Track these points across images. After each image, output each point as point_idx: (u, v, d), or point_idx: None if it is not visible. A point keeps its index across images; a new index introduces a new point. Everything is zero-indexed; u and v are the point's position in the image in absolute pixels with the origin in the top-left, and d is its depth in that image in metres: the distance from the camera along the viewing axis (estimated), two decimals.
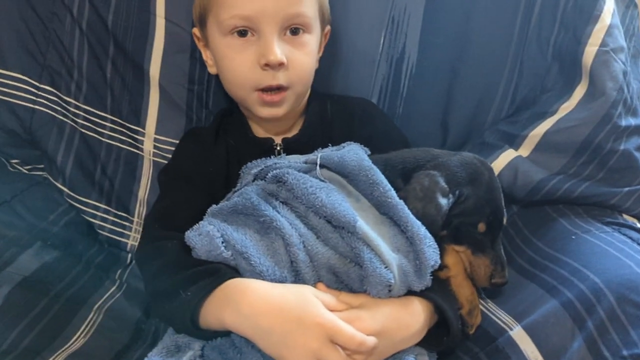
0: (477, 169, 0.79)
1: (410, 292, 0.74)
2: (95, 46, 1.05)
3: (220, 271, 0.70)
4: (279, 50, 0.81)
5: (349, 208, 0.74)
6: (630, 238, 0.79)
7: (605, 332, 0.65)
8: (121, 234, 1.05)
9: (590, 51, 0.91)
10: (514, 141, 0.96)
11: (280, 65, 0.82)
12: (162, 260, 0.75)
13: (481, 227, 0.77)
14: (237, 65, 0.85)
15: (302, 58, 0.85)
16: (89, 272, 0.93)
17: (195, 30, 0.93)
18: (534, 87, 1.01)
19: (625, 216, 0.89)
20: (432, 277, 0.74)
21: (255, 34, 0.83)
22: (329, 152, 0.82)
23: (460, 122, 1.04)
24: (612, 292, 0.67)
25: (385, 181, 0.76)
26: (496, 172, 0.93)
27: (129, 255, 1.05)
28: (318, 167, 0.80)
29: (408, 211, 0.74)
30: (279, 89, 0.85)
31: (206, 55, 0.93)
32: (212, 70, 0.93)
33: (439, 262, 0.75)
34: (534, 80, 1.01)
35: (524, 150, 0.95)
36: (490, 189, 0.79)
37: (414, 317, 0.72)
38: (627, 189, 0.89)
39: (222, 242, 0.73)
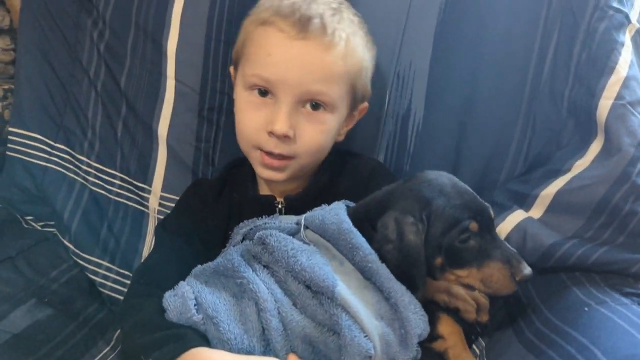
0: (436, 181, 0.75)
1: None
2: (108, 106, 1.08)
3: (186, 337, 0.67)
4: (287, 123, 0.79)
5: (330, 272, 0.70)
6: None
7: None
8: (122, 293, 1.04)
9: (604, 104, 0.84)
10: (525, 201, 0.90)
11: (285, 137, 0.80)
12: (136, 318, 0.73)
13: (473, 226, 0.72)
14: (247, 121, 0.84)
15: (313, 134, 0.82)
16: (82, 331, 0.92)
17: (231, 69, 0.93)
18: (549, 142, 0.94)
19: None
20: (419, 348, 0.69)
21: (272, 97, 0.82)
22: (312, 213, 0.79)
23: (470, 180, 0.95)
24: None
25: (365, 245, 0.72)
26: (503, 236, 0.88)
27: None
28: (302, 229, 0.77)
29: (391, 276, 0.70)
30: (282, 156, 0.83)
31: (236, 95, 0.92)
32: None
33: (428, 329, 0.70)
34: (548, 135, 0.94)
35: (536, 212, 0.88)
36: (460, 192, 0.75)
37: None
38: None
39: (195, 305, 0.71)
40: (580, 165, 0.86)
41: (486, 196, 0.96)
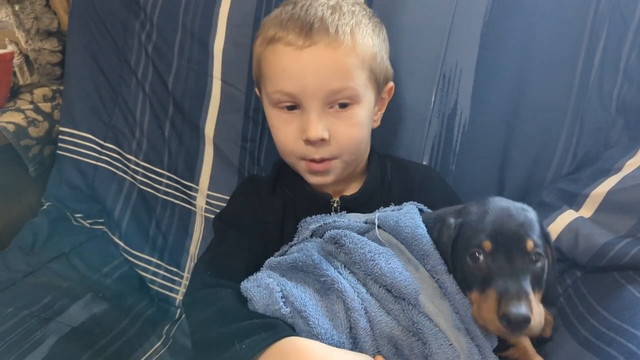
0: (492, 201, 0.72)
1: None
2: (156, 107, 1.11)
3: (279, 327, 0.66)
4: (319, 127, 0.81)
5: (410, 278, 0.70)
6: None
7: None
8: (171, 289, 1.07)
9: None
10: (575, 201, 0.90)
11: (322, 141, 0.82)
12: (214, 308, 0.71)
13: (486, 245, 0.67)
14: (282, 136, 0.86)
15: (346, 131, 0.83)
16: (135, 326, 0.94)
17: (257, 90, 0.95)
18: (597, 142, 0.94)
19: None
20: (497, 358, 0.69)
21: (300, 108, 0.83)
22: (386, 214, 0.78)
23: (517, 180, 0.98)
24: None
25: (435, 253, 0.71)
26: (554, 236, 0.88)
27: (178, 310, 1.06)
28: (376, 229, 0.77)
29: (457, 289, 0.69)
30: (324, 160, 0.84)
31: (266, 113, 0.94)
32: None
33: (497, 341, 0.70)
34: (596, 135, 0.94)
35: (586, 211, 0.88)
36: (496, 209, 0.70)
37: None
38: None
39: (282, 297, 0.70)
40: (632, 164, 0.85)
41: (533, 196, 0.97)
